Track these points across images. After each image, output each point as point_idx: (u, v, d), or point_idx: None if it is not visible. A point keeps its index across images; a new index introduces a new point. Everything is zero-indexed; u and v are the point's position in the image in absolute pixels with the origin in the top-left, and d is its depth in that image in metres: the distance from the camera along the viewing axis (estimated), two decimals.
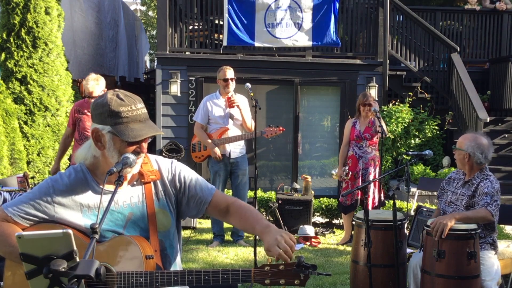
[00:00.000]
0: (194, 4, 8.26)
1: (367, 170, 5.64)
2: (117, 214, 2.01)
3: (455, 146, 3.61)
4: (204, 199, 2.12)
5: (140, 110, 1.94)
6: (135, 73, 14.13)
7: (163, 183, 2.09)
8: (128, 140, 1.90)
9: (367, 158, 5.64)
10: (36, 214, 1.97)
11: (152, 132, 1.94)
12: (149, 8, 22.76)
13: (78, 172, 2.02)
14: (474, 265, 3.21)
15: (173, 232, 2.13)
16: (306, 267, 1.80)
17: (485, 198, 3.35)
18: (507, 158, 7.75)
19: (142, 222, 2.03)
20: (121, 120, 1.90)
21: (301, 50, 8.16)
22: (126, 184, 2.04)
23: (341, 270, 4.91)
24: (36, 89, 7.19)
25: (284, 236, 1.86)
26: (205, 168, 7.96)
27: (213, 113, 5.47)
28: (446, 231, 3.17)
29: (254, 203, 4.85)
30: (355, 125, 5.72)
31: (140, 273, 1.87)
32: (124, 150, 1.92)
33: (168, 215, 2.09)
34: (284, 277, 1.83)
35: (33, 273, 1.63)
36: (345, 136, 5.81)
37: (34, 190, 2.01)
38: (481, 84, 8.83)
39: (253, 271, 1.85)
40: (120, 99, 1.92)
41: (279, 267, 1.84)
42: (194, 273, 1.87)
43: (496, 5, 9.29)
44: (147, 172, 2.05)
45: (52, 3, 7.37)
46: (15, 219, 1.97)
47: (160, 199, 2.08)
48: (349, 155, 5.73)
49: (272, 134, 5.44)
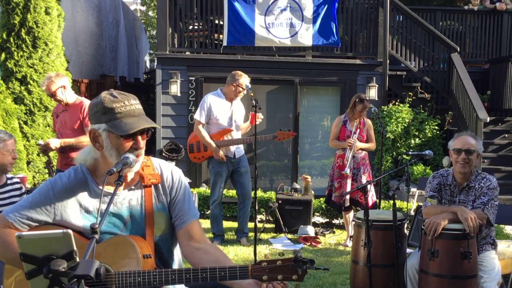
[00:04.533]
0: (194, 4, 8.26)
1: (359, 170, 5.64)
2: (116, 216, 2.01)
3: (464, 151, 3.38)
4: (186, 218, 2.10)
5: (133, 106, 1.94)
6: (135, 73, 14.13)
7: (163, 188, 2.09)
8: (122, 134, 1.89)
9: (358, 158, 5.62)
10: (37, 217, 1.97)
11: (146, 124, 1.93)
12: (149, 8, 22.75)
13: (78, 173, 2.02)
14: (468, 265, 3.18)
15: (171, 237, 2.12)
16: (304, 262, 1.79)
17: (482, 198, 3.34)
18: (507, 158, 7.75)
19: (140, 225, 2.03)
20: (115, 116, 1.90)
21: (301, 50, 8.16)
22: (125, 187, 2.04)
23: (341, 270, 4.91)
24: (36, 89, 7.19)
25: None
26: (205, 169, 7.97)
27: (217, 113, 5.36)
28: (439, 230, 3.17)
29: (254, 203, 4.85)
30: (346, 124, 5.68)
31: (138, 272, 1.86)
32: (121, 147, 1.91)
33: (167, 218, 2.09)
34: (282, 273, 1.81)
35: (33, 273, 1.63)
36: (334, 133, 5.74)
37: (34, 194, 2.01)
38: (481, 84, 8.83)
39: (250, 267, 1.84)
40: (113, 97, 1.93)
41: (277, 262, 1.82)
42: (191, 271, 1.87)
43: (496, 5, 9.29)
44: (147, 175, 2.05)
45: (52, 3, 7.37)
46: (16, 226, 1.96)
47: (160, 203, 2.08)
48: (339, 154, 5.70)
49: (284, 137, 5.43)
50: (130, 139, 1.93)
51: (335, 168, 5.72)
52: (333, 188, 5.73)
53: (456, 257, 3.18)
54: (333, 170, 5.76)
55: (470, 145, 3.40)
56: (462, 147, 3.40)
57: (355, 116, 5.61)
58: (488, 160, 7.68)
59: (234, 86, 5.36)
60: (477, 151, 3.42)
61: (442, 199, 3.55)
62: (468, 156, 3.37)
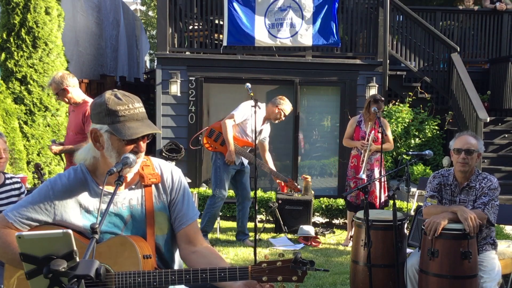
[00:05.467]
0: (194, 4, 8.26)
1: (372, 171, 5.62)
2: (116, 216, 2.01)
3: (464, 151, 3.38)
4: (184, 220, 2.10)
5: (137, 109, 1.93)
6: (135, 73, 14.13)
7: (163, 187, 2.09)
8: (124, 138, 1.88)
9: (372, 159, 5.62)
10: (37, 217, 1.96)
11: (149, 130, 1.93)
12: (149, 8, 22.76)
13: (77, 173, 2.01)
14: (468, 265, 3.18)
15: (172, 237, 2.12)
16: (304, 263, 1.79)
17: (483, 198, 3.34)
18: (507, 158, 7.75)
19: (140, 225, 2.03)
20: (118, 119, 1.89)
21: (301, 50, 8.16)
22: (125, 186, 2.04)
23: (341, 270, 4.91)
24: (36, 89, 7.19)
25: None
26: (205, 169, 7.97)
27: (251, 124, 5.24)
28: (439, 230, 3.17)
29: (254, 203, 4.85)
30: (360, 125, 5.68)
31: (138, 272, 1.86)
32: (122, 150, 1.91)
33: (167, 218, 2.09)
34: (282, 274, 1.81)
35: (33, 273, 1.63)
36: (348, 133, 5.74)
37: (33, 194, 2.00)
38: (481, 84, 8.83)
39: (250, 268, 1.84)
40: (117, 98, 1.91)
41: (276, 263, 1.83)
42: (191, 271, 1.87)
43: (496, 5, 9.29)
44: (147, 174, 2.04)
45: (52, 3, 7.36)
46: (16, 226, 1.96)
47: (161, 202, 2.07)
48: (353, 155, 5.71)
49: (290, 187, 5.77)
50: (131, 143, 1.92)
51: (349, 169, 5.73)
52: (349, 188, 5.73)
53: (456, 257, 3.18)
54: (349, 170, 5.77)
55: (470, 145, 3.39)
56: (462, 147, 3.40)
57: (371, 117, 5.61)
58: (488, 160, 7.68)
59: (278, 110, 5.42)
60: (478, 151, 3.42)
61: (443, 199, 3.54)
62: (468, 156, 3.37)
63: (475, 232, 3.17)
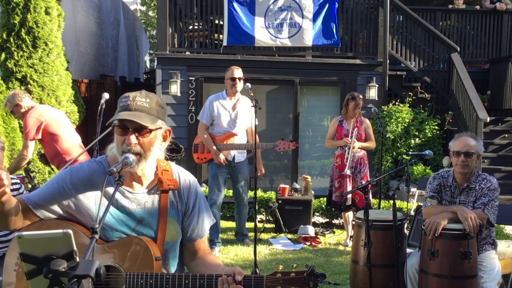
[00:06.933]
0: (194, 4, 8.26)
1: (356, 169, 5.64)
2: (129, 215, 2.00)
3: (464, 154, 3.37)
4: (194, 236, 2.12)
5: (135, 101, 1.90)
6: (135, 73, 14.13)
7: (179, 195, 2.09)
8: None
9: (356, 157, 5.62)
10: (56, 199, 1.95)
11: (126, 117, 1.86)
12: (149, 8, 22.75)
13: (99, 164, 2.03)
14: (468, 265, 3.19)
15: (177, 244, 2.12)
16: (316, 276, 1.86)
17: (483, 199, 3.34)
18: (507, 158, 7.75)
19: (152, 228, 2.02)
20: (117, 110, 1.92)
21: (301, 50, 8.16)
22: (144, 188, 2.04)
23: (341, 270, 4.91)
24: (36, 89, 7.19)
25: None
26: (205, 169, 7.96)
27: (219, 115, 5.35)
28: (439, 230, 3.17)
29: (254, 203, 4.85)
30: (342, 124, 5.69)
31: (150, 274, 1.85)
32: (118, 141, 1.93)
33: (178, 226, 2.09)
34: (295, 285, 1.87)
35: (33, 273, 1.63)
36: (330, 133, 5.77)
37: (52, 179, 2.03)
38: (481, 84, 8.82)
39: (265, 278, 1.87)
40: (128, 92, 1.95)
41: (290, 274, 1.87)
42: (206, 276, 1.87)
43: (496, 5, 9.29)
44: (166, 180, 2.04)
45: (52, 3, 7.37)
46: (35, 211, 1.95)
47: (174, 209, 2.07)
48: (337, 154, 5.71)
49: (285, 148, 5.35)
50: (121, 133, 1.90)
51: (334, 168, 5.73)
52: (334, 188, 5.73)
53: (456, 257, 3.18)
54: (333, 170, 5.76)
55: (469, 147, 3.38)
56: (461, 150, 3.39)
57: (350, 115, 5.63)
58: (488, 160, 7.68)
59: (226, 82, 5.43)
60: (477, 152, 3.41)
61: (443, 200, 3.54)
62: (467, 158, 3.37)
63: (475, 232, 3.17)
